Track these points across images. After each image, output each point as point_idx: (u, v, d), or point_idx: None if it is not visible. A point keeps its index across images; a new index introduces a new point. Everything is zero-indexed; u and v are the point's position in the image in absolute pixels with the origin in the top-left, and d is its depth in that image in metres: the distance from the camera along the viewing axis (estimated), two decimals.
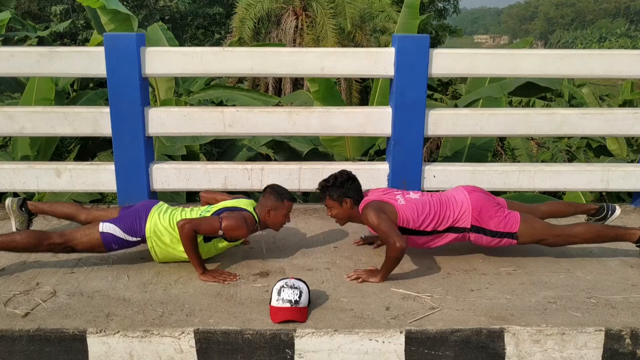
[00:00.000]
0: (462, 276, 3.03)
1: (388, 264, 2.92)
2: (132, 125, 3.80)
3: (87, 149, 8.45)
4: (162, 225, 3.02)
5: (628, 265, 3.20)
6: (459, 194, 3.18)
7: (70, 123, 3.85)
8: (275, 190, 3.18)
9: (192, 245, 2.92)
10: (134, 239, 3.05)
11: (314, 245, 3.46)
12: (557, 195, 6.47)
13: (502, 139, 11.43)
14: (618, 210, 3.44)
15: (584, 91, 12.11)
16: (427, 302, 2.72)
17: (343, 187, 3.14)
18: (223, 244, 3.09)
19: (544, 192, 5.77)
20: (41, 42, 13.14)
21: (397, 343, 2.48)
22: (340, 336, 2.47)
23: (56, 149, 7.49)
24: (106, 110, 3.81)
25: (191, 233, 2.90)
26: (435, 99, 14.37)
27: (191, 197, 5.39)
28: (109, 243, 3.01)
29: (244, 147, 7.18)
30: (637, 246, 3.19)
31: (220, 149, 7.73)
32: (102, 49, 3.67)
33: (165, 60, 3.78)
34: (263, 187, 3.83)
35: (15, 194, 5.16)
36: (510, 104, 11.64)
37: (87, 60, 3.74)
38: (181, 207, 3.18)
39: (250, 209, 3.13)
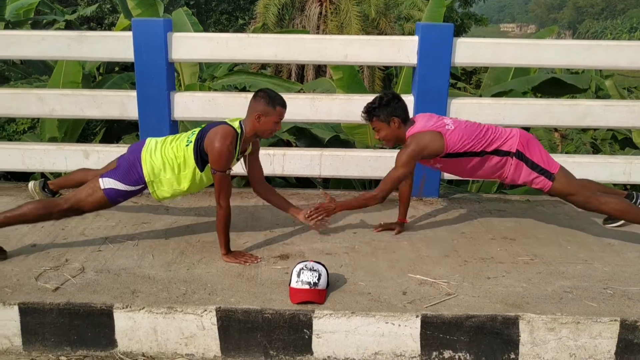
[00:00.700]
0: (479, 264, 3.07)
1: (356, 203, 3.25)
2: (158, 109, 3.90)
3: (113, 131, 8.60)
4: (159, 165, 3.00)
5: None
6: (509, 128, 3.29)
7: (98, 106, 3.96)
8: (267, 94, 3.03)
9: (226, 225, 3.00)
10: (137, 187, 3.05)
11: (333, 231, 3.52)
12: None
13: (526, 130, 11.32)
14: None
15: (607, 84, 11.93)
16: (443, 288, 2.77)
17: (389, 106, 3.16)
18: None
19: None
20: (68, 25, 13.34)
21: (413, 327, 2.53)
22: (358, 318, 2.53)
23: (82, 131, 7.64)
24: (133, 94, 3.91)
25: (229, 209, 2.97)
26: (459, 88, 14.28)
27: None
28: (114, 198, 3.03)
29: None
30: None
31: None
32: (130, 33, 3.76)
33: (191, 46, 3.86)
34: (284, 172, 3.90)
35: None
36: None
37: (116, 45, 3.83)
38: (168, 137, 3.14)
39: (234, 122, 3.03)
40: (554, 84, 5.79)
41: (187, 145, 3.01)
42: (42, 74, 10.73)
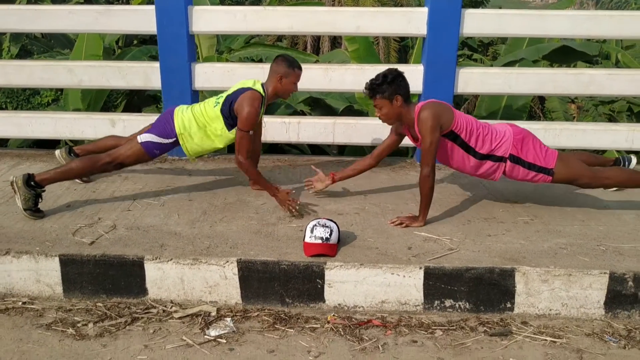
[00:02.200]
0: (482, 223, 3.28)
1: (424, 201, 3.17)
2: (180, 79, 4.12)
3: (133, 104, 8.85)
4: (187, 120, 3.37)
5: None
6: (502, 126, 3.32)
7: (123, 77, 4.19)
8: (285, 59, 3.40)
9: (255, 172, 3.37)
10: (170, 140, 3.40)
11: (344, 194, 3.74)
12: None
13: (542, 102, 11.35)
14: (634, 160, 3.61)
15: (619, 56, 11.84)
16: (446, 244, 2.99)
17: (394, 84, 3.15)
18: None
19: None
20: (87, 0, 13.54)
21: (416, 277, 2.76)
22: (366, 269, 2.77)
23: (104, 104, 7.91)
24: (156, 65, 4.13)
25: (248, 162, 3.33)
26: (475, 60, 14.27)
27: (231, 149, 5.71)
28: (150, 150, 3.37)
29: (282, 105, 7.46)
30: None
31: None
32: (153, 7, 3.97)
33: (211, 18, 4.05)
34: (299, 139, 4.13)
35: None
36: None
37: (140, 18, 4.04)
38: (197, 103, 3.50)
39: (257, 85, 3.37)
40: (565, 52, 5.88)
41: (214, 106, 3.36)
42: (64, 47, 10.99)
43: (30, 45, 11.23)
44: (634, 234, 3.16)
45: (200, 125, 3.38)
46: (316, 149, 6.37)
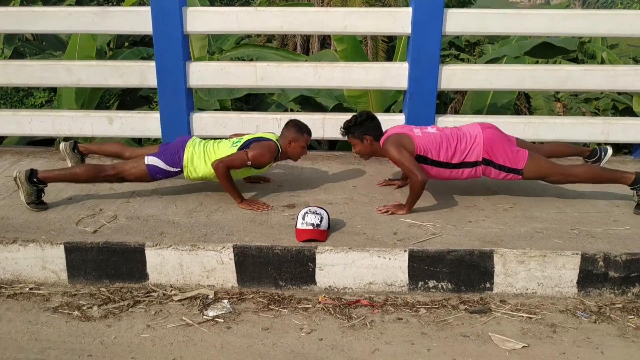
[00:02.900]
0: (463, 211, 3.47)
1: (412, 197, 3.36)
2: (175, 78, 4.28)
3: (126, 104, 9.00)
4: (197, 156, 3.49)
5: (615, 205, 3.59)
6: (473, 129, 3.48)
7: (120, 75, 4.35)
8: (296, 125, 3.63)
9: (227, 180, 3.42)
10: (175, 169, 3.53)
11: (335, 185, 3.93)
12: None
13: (528, 100, 11.59)
14: (610, 151, 3.80)
15: (604, 55, 12.10)
16: (429, 229, 3.18)
17: (363, 126, 3.51)
18: (251, 170, 3.57)
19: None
20: (79, 2, 13.64)
21: (401, 260, 2.95)
22: (354, 253, 2.95)
23: (97, 104, 8.04)
24: (152, 64, 4.29)
25: (225, 171, 3.39)
26: (462, 59, 14.50)
27: None
28: (154, 173, 3.49)
29: (273, 103, 7.63)
30: (631, 189, 3.49)
31: (251, 105, 8.20)
32: (148, 8, 4.13)
33: (204, 19, 4.22)
34: None
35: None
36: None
37: (136, 19, 4.20)
38: (212, 140, 3.64)
39: (274, 139, 3.57)
40: (546, 48, 6.09)
41: (232, 146, 3.52)
42: (57, 49, 11.10)
43: (23, 48, 11.32)
44: (605, 219, 3.36)
45: (207, 161, 3.48)
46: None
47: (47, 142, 6.44)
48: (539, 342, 2.59)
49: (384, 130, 3.61)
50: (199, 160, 3.49)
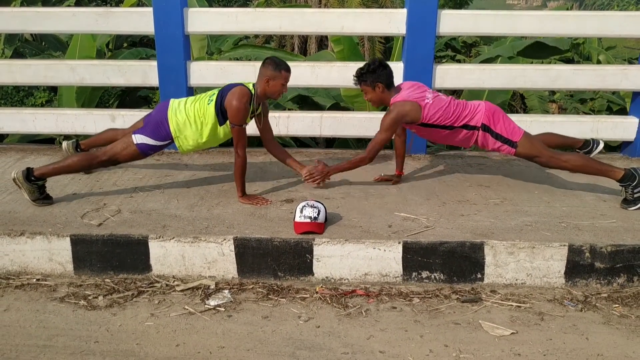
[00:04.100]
0: (456, 205, 3.59)
1: (347, 166, 3.69)
2: (176, 77, 4.40)
3: (125, 104, 9.10)
4: (182, 121, 3.52)
5: (602, 199, 3.71)
6: (477, 102, 3.72)
7: (123, 74, 4.46)
8: (273, 61, 3.50)
9: (242, 171, 3.53)
10: (164, 142, 3.60)
11: (332, 181, 4.03)
12: None
13: (524, 101, 11.74)
14: (601, 144, 3.94)
15: (601, 58, 12.28)
16: (423, 222, 3.30)
17: (375, 73, 3.62)
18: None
19: None
20: (78, 2, 13.75)
21: (395, 251, 3.06)
22: (350, 245, 3.06)
23: (97, 104, 8.15)
24: (154, 63, 4.40)
25: (242, 158, 3.48)
26: (458, 60, 14.66)
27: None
28: (145, 151, 3.57)
29: (271, 103, 7.74)
30: (620, 185, 3.60)
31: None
32: (150, 9, 4.24)
33: (205, 19, 4.34)
34: (288, 133, 4.42)
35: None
36: None
37: (138, 20, 4.31)
38: (189, 99, 3.65)
39: (248, 84, 3.53)
40: (539, 48, 6.23)
41: (208, 103, 3.52)
42: (56, 49, 11.20)
43: (23, 48, 11.42)
44: (592, 213, 3.48)
45: (195, 127, 3.53)
46: (302, 143, 6.65)
47: (46, 142, 6.55)
48: (527, 329, 2.70)
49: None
50: (185, 126, 3.52)
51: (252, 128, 3.83)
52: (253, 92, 3.52)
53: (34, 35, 12.08)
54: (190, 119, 3.53)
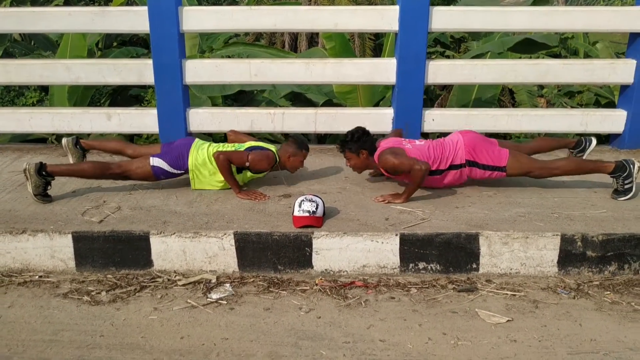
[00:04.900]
0: (450, 198, 3.67)
1: (413, 186, 3.52)
2: (171, 75, 4.43)
3: (117, 103, 9.09)
4: (202, 160, 3.67)
5: (593, 191, 3.80)
6: (454, 137, 3.74)
7: (119, 73, 4.49)
8: (296, 141, 3.85)
9: (227, 170, 3.59)
10: (179, 171, 3.72)
11: (328, 176, 4.11)
12: None
13: (513, 96, 11.85)
14: (594, 141, 4.02)
15: (598, 46, 12.37)
16: (419, 215, 3.37)
17: (359, 141, 3.70)
18: (248, 174, 3.75)
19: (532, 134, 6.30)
20: (67, 2, 13.67)
21: (393, 243, 3.13)
22: (348, 237, 3.13)
23: (89, 104, 8.14)
24: (149, 62, 4.44)
25: (225, 161, 3.56)
26: (448, 56, 14.74)
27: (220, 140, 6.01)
28: (158, 175, 3.68)
29: (263, 100, 7.77)
30: (611, 177, 3.68)
31: (241, 102, 8.34)
32: (145, 8, 4.27)
33: (200, 17, 4.38)
34: (283, 129, 4.49)
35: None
36: None
37: (134, 18, 4.35)
38: (215, 144, 3.82)
39: (274, 149, 3.77)
40: (528, 44, 6.31)
41: (235, 149, 3.70)
42: (46, 49, 11.15)
43: (12, 48, 11.36)
44: (584, 204, 3.57)
45: (212, 168, 3.67)
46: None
47: (38, 142, 6.53)
48: (522, 316, 2.78)
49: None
50: (204, 164, 3.68)
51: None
52: (277, 160, 3.77)
53: (22, 35, 12.02)
54: (210, 160, 3.67)
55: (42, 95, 8.50)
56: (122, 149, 3.97)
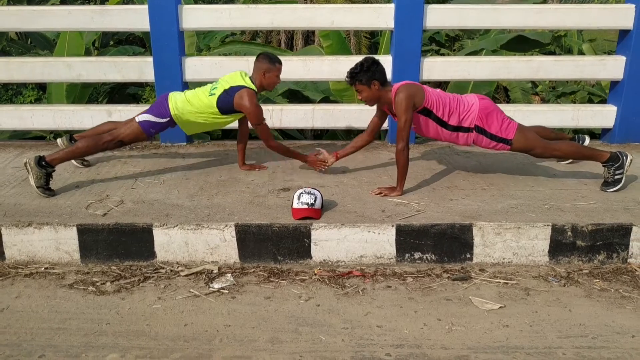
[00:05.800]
0: (445, 190, 3.77)
1: (400, 173, 3.59)
2: (171, 72, 4.52)
3: (114, 102, 9.15)
4: (180, 101, 3.80)
5: (583, 183, 3.91)
6: (471, 98, 3.72)
7: (119, 70, 4.57)
8: (267, 56, 3.83)
9: (285, 150, 4.02)
10: (165, 119, 3.82)
11: (325, 171, 4.18)
12: None
13: (507, 94, 11.97)
14: (587, 139, 4.13)
15: (584, 47, 12.53)
16: (414, 207, 3.47)
17: (370, 71, 3.56)
18: (238, 114, 3.89)
19: None
20: (63, 1, 13.71)
21: (389, 234, 3.23)
22: (346, 229, 3.22)
23: (86, 102, 8.20)
24: (149, 59, 4.52)
25: (276, 144, 3.96)
26: (442, 54, 14.87)
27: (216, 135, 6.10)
28: (147, 128, 3.79)
29: (260, 98, 7.86)
30: (603, 165, 3.75)
31: None
32: (146, 7, 4.35)
33: (199, 16, 4.47)
34: (281, 125, 4.58)
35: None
36: None
37: (134, 17, 4.43)
38: (188, 90, 3.94)
39: (247, 80, 3.81)
40: (521, 41, 6.41)
41: (209, 95, 3.78)
42: (43, 48, 11.20)
43: (9, 47, 11.40)
44: (574, 195, 3.67)
45: (193, 109, 3.78)
46: (289, 136, 6.79)
47: (37, 139, 6.60)
48: (514, 303, 2.88)
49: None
50: (183, 106, 3.78)
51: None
52: (255, 89, 3.79)
53: (19, 34, 12.06)
54: (189, 101, 3.80)
55: (40, 94, 8.56)
56: (114, 127, 4.00)
